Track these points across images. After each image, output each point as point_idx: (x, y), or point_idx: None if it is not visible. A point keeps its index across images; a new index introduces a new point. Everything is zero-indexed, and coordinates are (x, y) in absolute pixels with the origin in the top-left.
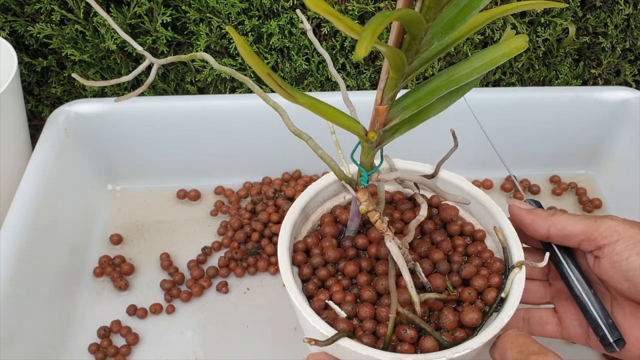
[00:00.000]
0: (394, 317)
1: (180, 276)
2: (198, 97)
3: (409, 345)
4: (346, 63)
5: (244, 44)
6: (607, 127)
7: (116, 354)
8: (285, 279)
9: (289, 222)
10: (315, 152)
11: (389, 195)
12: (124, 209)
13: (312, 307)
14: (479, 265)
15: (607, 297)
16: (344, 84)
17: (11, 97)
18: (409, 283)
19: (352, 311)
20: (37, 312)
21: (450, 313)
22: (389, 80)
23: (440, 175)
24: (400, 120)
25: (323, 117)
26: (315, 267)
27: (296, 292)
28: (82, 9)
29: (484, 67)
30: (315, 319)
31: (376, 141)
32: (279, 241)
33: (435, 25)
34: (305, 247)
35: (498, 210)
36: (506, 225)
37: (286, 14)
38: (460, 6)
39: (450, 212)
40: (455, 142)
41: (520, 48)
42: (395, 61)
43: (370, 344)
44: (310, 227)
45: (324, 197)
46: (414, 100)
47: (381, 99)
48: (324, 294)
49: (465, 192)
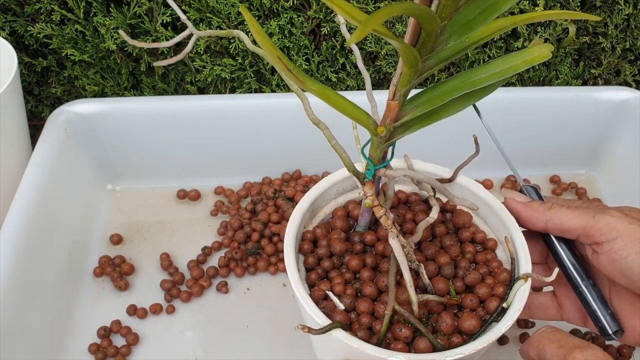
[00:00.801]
0: (389, 314)
1: (180, 276)
2: (198, 97)
3: (403, 344)
4: (346, 63)
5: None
6: (607, 127)
7: (116, 354)
8: (288, 264)
9: (299, 209)
10: (329, 141)
11: (404, 195)
12: (124, 209)
13: (312, 296)
14: (486, 273)
15: (605, 283)
16: (369, 79)
17: (11, 97)
18: (408, 282)
19: (351, 304)
20: (37, 312)
21: (449, 317)
22: (402, 76)
23: (457, 180)
24: (411, 118)
25: (333, 106)
26: (320, 257)
27: (296, 279)
28: (82, 9)
29: (503, 73)
30: (312, 307)
31: (385, 136)
32: (287, 226)
33: (452, 25)
34: (313, 237)
35: (512, 221)
36: (517, 237)
37: (286, 14)
38: (482, 8)
39: (463, 218)
40: (477, 149)
41: (544, 57)
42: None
43: (364, 338)
44: (321, 219)
45: (338, 191)
46: (428, 99)
47: (393, 94)
48: (325, 285)
49: (480, 199)
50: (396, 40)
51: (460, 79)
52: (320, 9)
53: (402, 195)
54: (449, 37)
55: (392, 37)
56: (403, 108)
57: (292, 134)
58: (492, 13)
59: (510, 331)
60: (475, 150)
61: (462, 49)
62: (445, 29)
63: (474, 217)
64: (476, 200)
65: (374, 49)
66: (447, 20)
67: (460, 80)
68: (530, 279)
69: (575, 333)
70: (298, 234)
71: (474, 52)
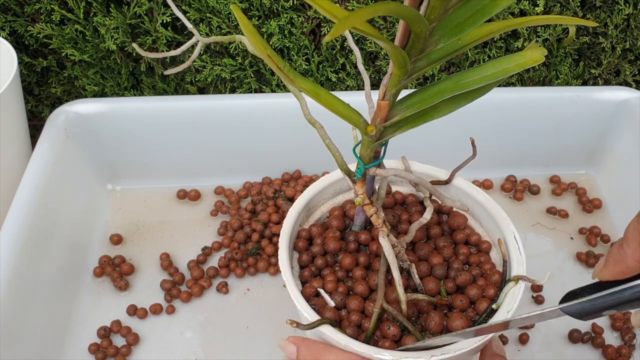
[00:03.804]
0: (377, 311)
1: (180, 276)
2: (198, 97)
3: (391, 342)
4: (346, 63)
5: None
6: (607, 127)
7: (116, 354)
8: (281, 260)
9: (295, 208)
10: (323, 140)
11: (401, 196)
12: (124, 209)
13: (303, 292)
14: (478, 275)
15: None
16: (368, 80)
17: (11, 97)
18: (397, 280)
19: (342, 302)
20: (37, 312)
21: (437, 316)
22: (392, 77)
23: (454, 182)
24: (401, 118)
25: (323, 104)
26: (314, 255)
27: (289, 275)
28: (82, 9)
29: (494, 76)
30: (302, 303)
31: (375, 135)
32: (283, 224)
33: (442, 26)
34: (308, 235)
35: (506, 223)
36: (511, 239)
37: (286, 14)
38: (472, 10)
39: (458, 220)
40: (474, 151)
41: (536, 61)
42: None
43: (352, 335)
44: (318, 217)
45: (335, 190)
46: (418, 100)
47: (384, 94)
48: (317, 282)
49: (476, 202)
50: (383, 40)
51: (452, 80)
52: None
53: (399, 196)
54: (439, 38)
55: (379, 37)
56: (394, 108)
57: (292, 134)
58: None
59: (510, 332)
60: (472, 152)
61: (453, 50)
62: (434, 31)
63: (470, 219)
64: (472, 202)
65: (374, 49)
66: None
67: (451, 82)
68: (522, 282)
69: (574, 333)
70: (293, 231)
71: (474, 52)
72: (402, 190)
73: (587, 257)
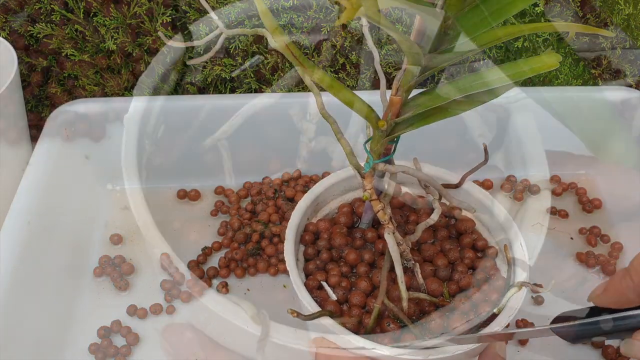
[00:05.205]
0: (378, 307)
1: (180, 276)
2: (198, 97)
3: (389, 339)
4: (346, 63)
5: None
6: (607, 127)
7: (116, 354)
8: (286, 251)
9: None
10: (335, 135)
11: (410, 197)
12: (124, 209)
13: (306, 284)
14: (482, 279)
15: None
16: (384, 79)
17: (11, 97)
18: (400, 277)
19: (344, 296)
20: (37, 312)
21: (438, 317)
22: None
23: (464, 187)
24: (413, 114)
25: (336, 96)
26: (320, 249)
27: (293, 266)
28: (82, 9)
29: (510, 78)
30: (304, 294)
31: (386, 130)
32: (292, 215)
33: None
34: (315, 229)
35: (512, 230)
36: (517, 246)
37: (286, 14)
38: (490, 11)
39: (466, 224)
40: (486, 157)
41: (551, 66)
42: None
43: (352, 329)
44: (326, 213)
45: (345, 187)
46: (432, 98)
47: (397, 90)
48: (321, 275)
49: (485, 207)
50: (396, 32)
51: (467, 80)
52: (320, 8)
53: (409, 197)
54: (454, 37)
55: (393, 29)
56: (406, 104)
57: (292, 134)
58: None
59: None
60: (484, 158)
61: (469, 50)
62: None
63: (478, 224)
64: (481, 207)
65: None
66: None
67: (466, 81)
68: (525, 288)
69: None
70: (300, 224)
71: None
72: (413, 192)
73: (587, 257)
